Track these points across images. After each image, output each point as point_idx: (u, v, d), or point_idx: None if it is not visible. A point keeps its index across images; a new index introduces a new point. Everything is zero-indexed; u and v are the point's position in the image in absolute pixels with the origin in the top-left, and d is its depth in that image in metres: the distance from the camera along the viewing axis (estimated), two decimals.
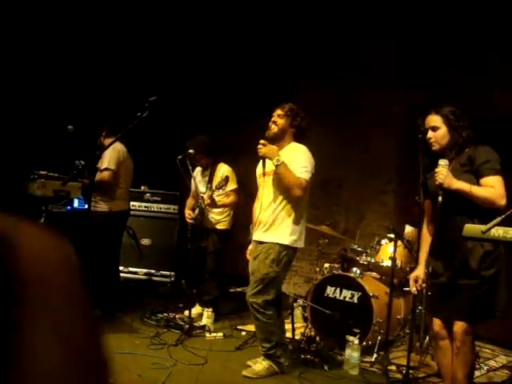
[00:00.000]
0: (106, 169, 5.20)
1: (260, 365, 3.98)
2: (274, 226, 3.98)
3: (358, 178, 6.91)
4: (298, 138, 4.14)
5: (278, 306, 4.10)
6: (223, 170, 5.46)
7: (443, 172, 3.13)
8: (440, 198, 3.16)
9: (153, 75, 7.06)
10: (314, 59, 7.40)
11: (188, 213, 5.52)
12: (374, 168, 6.81)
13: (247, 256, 4.34)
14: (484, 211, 3.04)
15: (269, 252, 3.95)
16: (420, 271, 3.50)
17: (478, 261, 3.07)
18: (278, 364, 4.00)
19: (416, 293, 3.71)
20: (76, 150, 5.27)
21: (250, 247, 4.33)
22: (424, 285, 3.53)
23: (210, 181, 5.45)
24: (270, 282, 3.96)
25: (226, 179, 5.06)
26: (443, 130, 3.27)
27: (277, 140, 4.06)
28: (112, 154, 5.22)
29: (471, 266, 3.08)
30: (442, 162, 3.18)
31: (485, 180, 3.11)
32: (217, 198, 5.28)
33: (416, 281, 3.49)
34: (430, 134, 3.31)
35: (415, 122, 4.26)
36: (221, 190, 5.15)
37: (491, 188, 3.07)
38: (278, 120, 4.08)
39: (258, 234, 4.11)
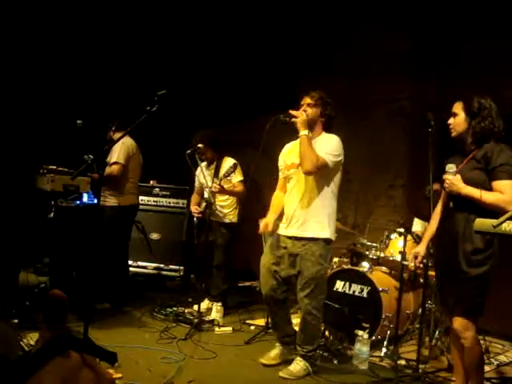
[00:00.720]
0: (115, 163, 5.22)
1: (297, 365, 3.90)
2: (313, 220, 3.88)
3: (367, 172, 6.87)
4: (327, 128, 4.03)
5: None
6: (229, 161, 5.43)
7: (447, 181, 3.16)
8: (451, 204, 3.22)
9: (160, 70, 7.04)
10: (319, 53, 7.35)
11: (195, 207, 5.49)
12: (383, 162, 6.77)
13: (261, 230, 4.04)
14: (486, 210, 3.02)
15: (313, 249, 3.85)
16: (421, 248, 3.51)
17: (466, 258, 3.08)
18: (313, 366, 3.94)
19: (413, 268, 3.72)
20: (85, 145, 5.27)
21: (266, 220, 4.06)
22: (421, 264, 3.55)
23: (217, 174, 5.41)
24: (321, 279, 3.90)
25: (235, 166, 5.06)
26: (461, 117, 3.24)
27: None
28: (121, 148, 5.23)
29: (460, 264, 3.10)
30: (450, 170, 3.18)
31: (497, 183, 3.07)
32: (225, 187, 5.23)
33: (416, 257, 3.50)
34: (451, 120, 3.30)
35: (425, 116, 4.24)
36: (228, 178, 5.13)
37: (500, 194, 3.03)
38: (308, 109, 3.94)
39: (292, 229, 3.95)
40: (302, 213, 3.92)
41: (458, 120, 3.25)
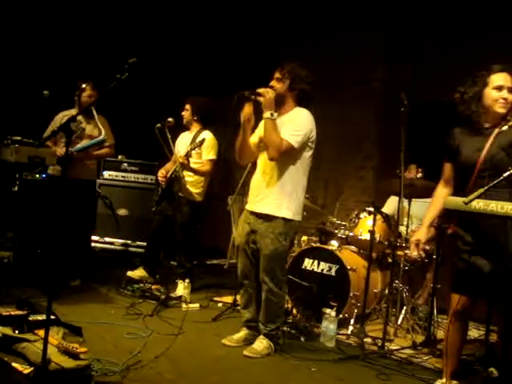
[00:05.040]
0: (114, 144, 5.38)
1: (261, 344, 3.85)
2: (272, 197, 3.79)
3: (338, 152, 6.89)
4: (302, 102, 3.87)
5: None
6: (203, 135, 5.20)
7: None
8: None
9: (133, 41, 6.87)
10: (294, 33, 7.30)
11: (161, 172, 5.33)
12: (354, 143, 6.80)
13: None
14: None
15: (272, 226, 3.77)
16: (422, 234, 3.34)
17: None
18: (276, 345, 3.90)
19: (418, 257, 3.53)
20: (52, 116, 5.14)
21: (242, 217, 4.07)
22: (424, 249, 3.38)
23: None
24: (280, 257, 3.83)
25: (202, 141, 4.87)
26: None
27: (277, 105, 3.77)
28: (109, 127, 5.34)
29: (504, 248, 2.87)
30: None
31: None
32: (192, 163, 5.07)
33: (417, 245, 3.34)
34: (506, 94, 3.02)
35: (396, 96, 4.22)
36: (194, 152, 4.95)
37: None
38: (276, 84, 3.80)
39: (254, 206, 3.90)
40: (263, 190, 3.85)
41: None
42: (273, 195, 3.80)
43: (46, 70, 6.30)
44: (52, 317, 3.28)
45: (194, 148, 4.88)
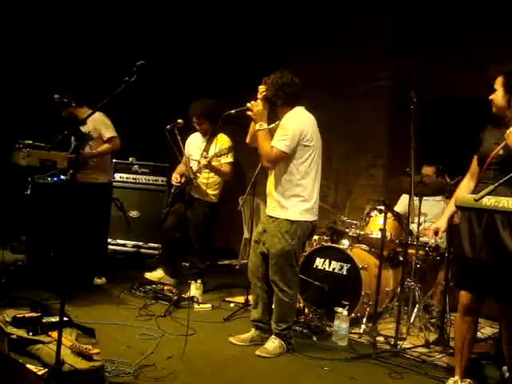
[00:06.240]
0: (114, 137, 5.23)
1: (272, 344, 3.87)
2: (278, 200, 3.87)
3: (348, 151, 6.87)
4: (292, 104, 3.90)
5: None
6: (224, 140, 5.24)
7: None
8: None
9: (140, 43, 6.89)
10: (302, 31, 7.28)
11: (175, 176, 5.36)
12: (364, 142, 6.77)
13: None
14: None
15: (280, 225, 3.83)
16: (442, 223, 3.45)
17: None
18: (288, 344, 3.92)
19: (434, 244, 3.59)
20: (62, 120, 5.16)
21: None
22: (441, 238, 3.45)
23: (207, 150, 5.24)
24: (287, 256, 3.84)
25: (229, 149, 4.96)
26: (499, 93, 3.10)
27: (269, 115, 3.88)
28: (108, 122, 5.23)
29: (507, 246, 2.94)
30: None
31: None
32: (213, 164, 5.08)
33: (436, 233, 3.45)
34: (491, 95, 3.15)
35: (405, 94, 4.21)
36: (219, 158, 5.01)
37: None
38: (256, 101, 3.85)
39: (268, 208, 4.00)
40: (270, 193, 3.97)
41: (497, 96, 3.11)
42: (277, 198, 3.90)
43: (56, 74, 6.33)
44: (65, 318, 3.31)
45: (221, 155, 4.94)
